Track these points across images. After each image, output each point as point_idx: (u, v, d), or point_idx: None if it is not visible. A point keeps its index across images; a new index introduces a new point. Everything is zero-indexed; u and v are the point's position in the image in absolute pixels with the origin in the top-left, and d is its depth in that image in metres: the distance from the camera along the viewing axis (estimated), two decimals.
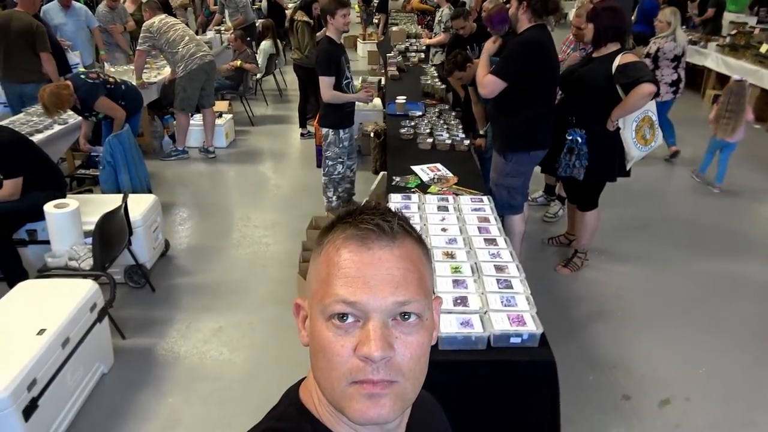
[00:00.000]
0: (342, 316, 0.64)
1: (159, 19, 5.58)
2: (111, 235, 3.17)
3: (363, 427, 0.68)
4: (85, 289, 2.75)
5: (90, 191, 4.80)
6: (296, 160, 6.14)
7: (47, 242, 3.36)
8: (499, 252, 2.46)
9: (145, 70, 5.96)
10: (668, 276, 3.92)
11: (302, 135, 6.65)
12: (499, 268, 2.31)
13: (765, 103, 7.10)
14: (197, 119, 6.12)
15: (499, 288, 2.18)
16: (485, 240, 2.57)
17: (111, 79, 4.55)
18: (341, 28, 3.87)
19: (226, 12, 8.58)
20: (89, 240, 3.16)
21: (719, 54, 7.83)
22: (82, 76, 4.36)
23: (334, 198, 4.29)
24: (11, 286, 2.91)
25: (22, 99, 5.10)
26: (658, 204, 5.16)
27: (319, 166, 5.67)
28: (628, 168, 3.62)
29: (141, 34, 5.59)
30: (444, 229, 2.68)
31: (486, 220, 2.79)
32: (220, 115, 6.39)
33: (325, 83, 3.91)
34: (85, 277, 2.99)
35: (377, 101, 5.90)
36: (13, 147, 3.37)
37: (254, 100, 7.82)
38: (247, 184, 5.52)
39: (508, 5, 3.51)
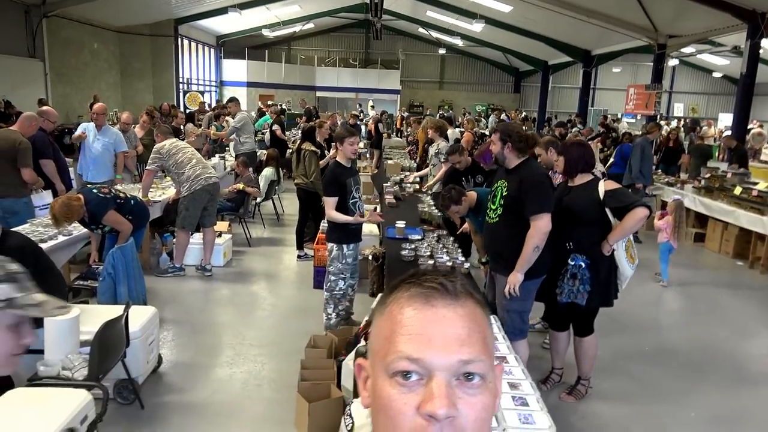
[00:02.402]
0: (406, 374, 0.63)
1: (170, 143, 5.91)
2: (110, 344, 3.09)
3: None
4: (77, 400, 2.62)
5: (86, 302, 4.72)
6: (293, 281, 6.16)
7: (39, 351, 3.26)
8: (511, 370, 2.44)
9: (150, 190, 6.16)
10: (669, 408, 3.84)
11: (299, 257, 6.73)
12: (513, 386, 2.28)
13: (745, 242, 7.42)
14: (197, 237, 6.22)
15: (515, 405, 2.14)
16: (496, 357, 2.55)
17: (121, 194, 4.69)
18: (349, 154, 4.16)
19: (238, 137, 8.96)
20: (84, 349, 3.08)
21: (696, 195, 8.32)
22: (94, 191, 4.50)
23: (333, 315, 4.28)
24: None
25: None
26: (647, 321, 5.18)
27: (316, 287, 5.72)
28: (622, 288, 3.70)
29: (151, 155, 5.87)
30: None
31: (494, 338, 2.79)
32: (220, 235, 6.50)
33: (328, 203, 4.14)
34: (77, 387, 2.87)
35: (373, 227, 6.09)
36: (23, 252, 3.38)
37: (252, 223, 8.00)
38: (242, 302, 5.48)
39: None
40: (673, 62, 19.93)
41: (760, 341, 5.18)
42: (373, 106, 21.95)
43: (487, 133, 13.20)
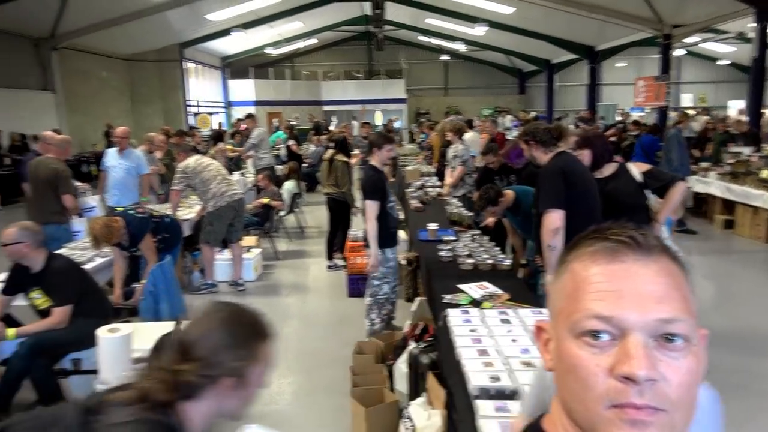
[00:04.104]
0: (595, 334, 0.58)
1: (194, 160, 5.93)
2: None
3: None
4: None
5: (128, 321, 4.73)
6: (326, 291, 6.15)
7: (92, 371, 3.26)
8: None
9: (179, 208, 6.20)
10: None
11: (329, 267, 6.73)
12: None
13: None
14: (227, 253, 6.23)
15: None
16: None
17: (156, 213, 4.72)
18: (384, 160, 4.21)
19: (256, 153, 9.02)
20: (137, 366, 3.07)
21: (722, 182, 8.25)
22: (131, 212, 4.53)
23: (378, 320, 4.27)
24: None
25: None
26: None
27: (351, 295, 5.71)
28: None
29: (177, 174, 5.90)
30: (514, 340, 2.64)
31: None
32: (249, 250, 6.52)
33: (371, 207, 4.11)
34: None
35: (401, 232, 6.08)
36: (68, 275, 3.42)
37: (277, 237, 8.02)
38: (279, 314, 5.47)
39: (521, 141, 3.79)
40: (678, 52, 19.85)
41: None
42: (381, 121, 22.02)
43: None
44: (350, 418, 3.29)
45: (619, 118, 14.55)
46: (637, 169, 3.55)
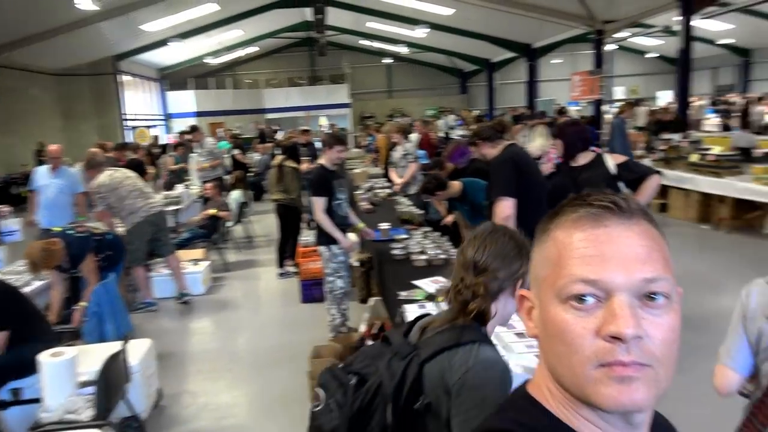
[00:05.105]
0: (581, 297, 0.59)
1: (107, 176, 5.47)
2: (113, 381, 2.96)
3: (605, 422, 0.62)
4: None
5: (72, 346, 4.51)
6: (279, 299, 6.06)
7: (35, 401, 3.09)
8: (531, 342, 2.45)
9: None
10: None
11: (280, 275, 6.63)
12: None
13: (707, 205, 7.72)
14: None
15: None
16: (515, 334, 2.56)
17: (96, 231, 4.53)
18: (334, 160, 4.27)
19: (195, 157, 8.78)
20: (84, 391, 2.94)
21: (655, 167, 8.62)
22: (70, 232, 4.32)
23: (338, 315, 4.40)
24: None
25: None
26: None
27: (305, 301, 5.65)
28: None
29: (94, 195, 5.50)
30: None
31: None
32: (197, 263, 6.35)
33: (317, 203, 4.20)
34: (85, 428, 2.73)
35: (351, 235, 6.06)
36: (3, 297, 3.22)
37: (225, 248, 7.84)
38: (232, 326, 5.35)
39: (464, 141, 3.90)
40: (610, 47, 20.65)
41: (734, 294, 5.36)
42: (325, 125, 21.93)
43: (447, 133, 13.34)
44: None
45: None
46: (612, 161, 3.56)
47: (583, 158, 3.56)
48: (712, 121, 13.99)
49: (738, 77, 25.09)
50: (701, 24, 15.42)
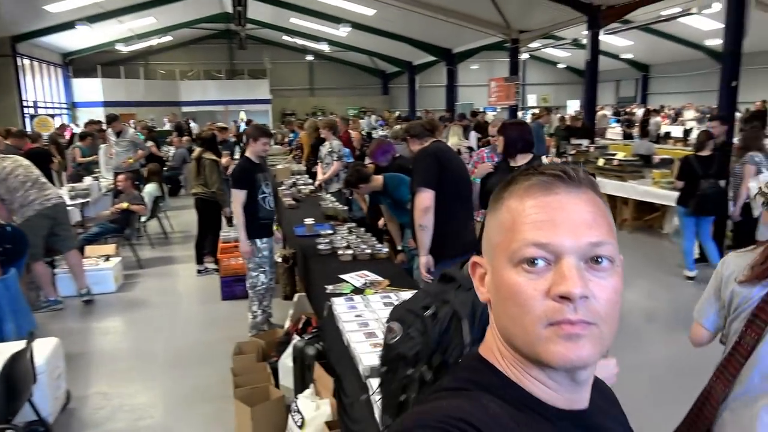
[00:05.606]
0: (532, 261, 0.63)
1: None
2: (17, 381, 2.75)
3: (552, 380, 0.66)
4: None
5: None
6: (197, 296, 5.85)
7: None
8: None
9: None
10: None
11: (199, 272, 6.40)
12: None
13: (612, 207, 8.26)
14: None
15: None
16: None
17: None
18: (259, 152, 4.20)
19: (115, 149, 8.30)
20: None
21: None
22: None
23: (259, 312, 4.29)
24: None
25: None
26: None
27: (225, 298, 5.50)
28: None
29: None
30: None
31: None
32: (107, 259, 6.01)
33: (236, 196, 4.14)
34: None
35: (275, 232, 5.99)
36: None
37: (139, 244, 7.46)
38: (146, 325, 5.10)
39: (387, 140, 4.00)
40: (524, 56, 21.63)
41: (639, 289, 5.80)
42: (244, 120, 21.42)
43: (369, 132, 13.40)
44: (234, 420, 3.17)
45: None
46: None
47: (522, 159, 3.66)
48: (615, 130, 15.03)
49: (638, 90, 27.12)
50: (606, 39, 16.48)
